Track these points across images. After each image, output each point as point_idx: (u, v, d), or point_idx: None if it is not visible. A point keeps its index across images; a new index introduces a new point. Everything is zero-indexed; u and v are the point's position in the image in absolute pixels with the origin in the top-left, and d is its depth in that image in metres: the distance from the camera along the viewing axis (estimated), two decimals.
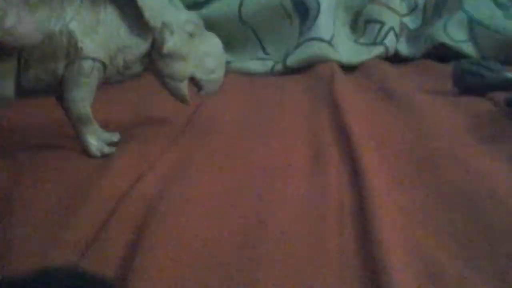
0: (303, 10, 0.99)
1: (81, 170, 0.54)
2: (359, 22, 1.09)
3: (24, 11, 0.52)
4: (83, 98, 0.56)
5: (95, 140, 0.57)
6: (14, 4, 0.52)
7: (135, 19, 0.58)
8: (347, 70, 0.95)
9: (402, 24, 1.08)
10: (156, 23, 0.58)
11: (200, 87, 0.62)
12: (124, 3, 0.58)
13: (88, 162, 0.56)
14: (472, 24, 1.01)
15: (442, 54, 1.00)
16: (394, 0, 1.09)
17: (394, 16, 1.06)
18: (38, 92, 0.57)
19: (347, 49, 1.01)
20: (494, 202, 0.46)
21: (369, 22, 1.07)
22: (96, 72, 0.56)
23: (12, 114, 0.66)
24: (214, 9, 1.05)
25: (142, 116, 0.68)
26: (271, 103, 0.76)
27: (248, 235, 0.42)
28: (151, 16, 0.58)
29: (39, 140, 0.61)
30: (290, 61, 0.96)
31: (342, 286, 0.36)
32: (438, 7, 1.08)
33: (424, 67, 0.97)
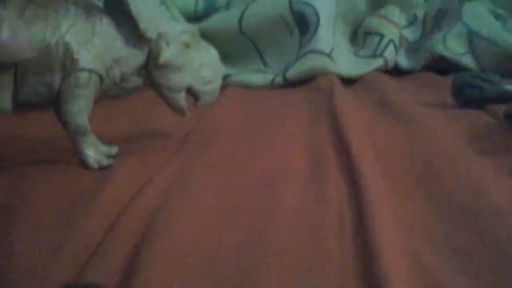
0: (303, 23, 1.00)
1: (81, 183, 0.54)
2: (359, 35, 1.10)
3: (19, 25, 0.52)
4: (80, 110, 0.56)
5: (93, 152, 0.57)
6: (8, 18, 0.52)
7: (131, 30, 0.58)
8: (347, 82, 0.95)
9: (402, 36, 1.08)
10: (151, 34, 0.58)
11: (197, 98, 0.62)
12: (120, 14, 0.58)
13: (88, 174, 0.56)
14: (471, 37, 1.01)
15: (441, 66, 1.00)
16: (394, 13, 1.09)
17: (394, 28, 1.07)
18: (36, 105, 0.57)
19: (346, 61, 1.01)
20: (494, 215, 0.46)
21: (368, 34, 1.07)
22: (92, 84, 0.56)
23: (12, 127, 0.67)
24: (214, 21, 1.06)
25: (141, 129, 0.69)
26: (271, 115, 0.76)
27: (248, 248, 0.42)
28: (147, 27, 0.58)
29: (38, 153, 0.61)
30: (290, 73, 0.97)
31: None
32: (438, 20, 1.09)
33: (423, 79, 0.97)
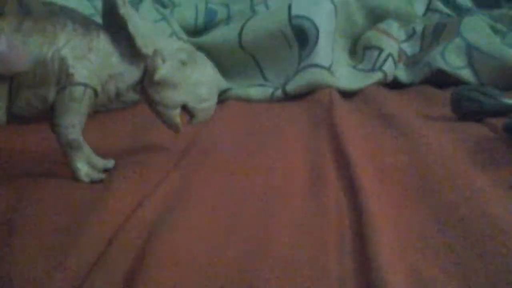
0: (302, 37, 1.00)
1: (80, 196, 0.54)
2: (358, 49, 1.10)
3: (15, 38, 0.53)
4: (73, 124, 0.56)
5: (84, 166, 0.57)
6: (5, 31, 0.52)
7: (128, 46, 0.58)
8: (346, 96, 0.96)
9: (401, 50, 1.09)
10: (148, 51, 0.59)
11: (192, 115, 0.62)
12: (117, 30, 0.58)
13: (87, 187, 0.56)
14: (470, 50, 1.02)
15: (440, 80, 1.01)
16: (392, 27, 1.10)
17: (393, 42, 1.07)
18: (30, 118, 0.57)
19: (346, 75, 1.02)
20: (493, 228, 0.46)
21: (367, 48, 1.07)
22: (87, 98, 0.56)
23: (10, 140, 0.67)
24: (214, 36, 1.06)
25: (141, 142, 0.69)
26: (270, 128, 0.76)
27: (248, 260, 0.42)
28: (143, 44, 0.58)
29: (38, 166, 0.61)
30: (290, 87, 0.97)
31: None
32: (436, 34, 1.09)
33: (422, 93, 0.97)
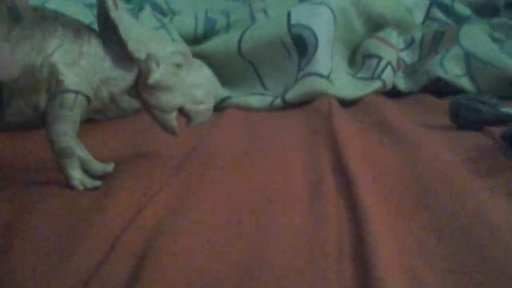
0: (302, 45, 1.00)
1: (80, 203, 0.54)
2: (357, 57, 1.10)
3: (2, 46, 0.52)
4: (65, 131, 0.55)
5: (78, 173, 0.57)
6: None
7: (120, 51, 0.58)
8: (345, 104, 0.96)
9: (399, 59, 1.09)
10: (140, 55, 0.58)
11: (189, 118, 0.62)
12: (110, 34, 0.58)
13: (87, 195, 0.56)
14: (469, 59, 1.02)
15: (439, 88, 1.01)
16: (391, 35, 1.10)
17: (392, 51, 1.07)
18: (22, 126, 0.57)
19: (345, 83, 1.02)
20: (492, 237, 0.46)
21: (366, 57, 1.08)
22: (78, 105, 0.55)
23: (9, 147, 0.67)
24: (214, 44, 1.06)
25: (141, 150, 0.69)
26: (270, 137, 0.76)
27: (247, 268, 0.42)
28: (135, 48, 0.58)
29: (37, 174, 0.61)
30: (289, 96, 0.97)
31: None
32: (435, 42, 1.09)
33: (421, 101, 0.97)
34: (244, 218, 0.50)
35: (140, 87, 0.60)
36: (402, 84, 1.06)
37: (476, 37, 1.05)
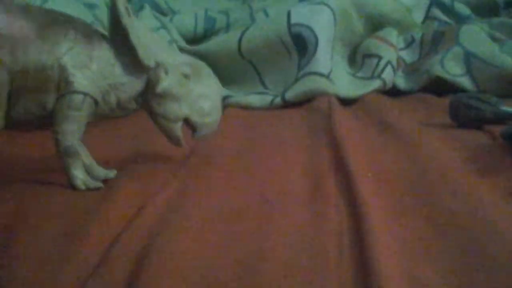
0: (301, 45, 1.00)
1: (80, 204, 0.54)
2: (357, 57, 1.10)
3: (17, 45, 0.53)
4: (72, 131, 0.56)
5: (80, 173, 0.57)
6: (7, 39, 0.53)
7: (130, 58, 0.58)
8: (345, 103, 0.96)
9: (399, 58, 1.09)
10: (149, 62, 0.59)
11: (194, 129, 0.62)
12: (121, 41, 0.58)
13: (87, 196, 0.56)
14: (468, 58, 1.02)
15: (439, 87, 1.01)
16: (391, 35, 1.10)
17: (392, 50, 1.07)
18: (30, 125, 0.57)
19: (345, 83, 1.02)
20: (492, 234, 0.46)
21: (366, 56, 1.08)
22: (86, 107, 0.56)
23: (10, 147, 0.67)
24: (214, 44, 1.06)
25: (141, 150, 0.69)
26: (269, 136, 0.76)
27: (247, 266, 0.42)
28: (145, 56, 0.58)
29: (38, 174, 0.61)
30: (289, 95, 0.97)
31: None
32: (435, 42, 1.09)
33: (421, 100, 0.97)
34: (244, 216, 0.50)
35: (148, 95, 0.60)
36: (402, 83, 1.06)
37: (476, 36, 1.05)
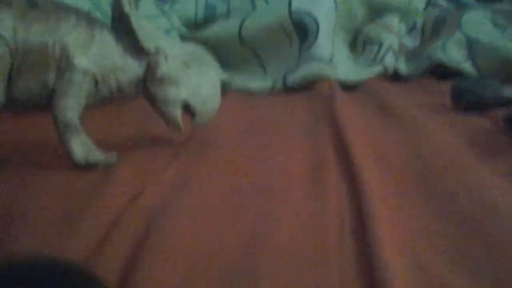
0: (302, 30, 1.00)
1: (81, 185, 0.54)
2: (358, 43, 1.10)
3: (19, 25, 0.54)
4: (71, 107, 0.56)
5: (80, 148, 0.57)
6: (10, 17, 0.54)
7: (131, 42, 0.59)
8: (347, 89, 0.95)
9: (401, 44, 1.09)
10: (150, 46, 0.60)
11: (193, 116, 0.62)
12: (121, 28, 0.59)
13: (88, 176, 0.56)
14: (470, 44, 1.02)
15: (441, 73, 1.01)
16: (393, 21, 1.10)
17: (393, 36, 1.07)
18: (30, 103, 0.57)
19: (346, 68, 1.02)
20: (494, 217, 0.46)
21: (368, 42, 1.07)
22: (86, 86, 0.57)
23: (11, 129, 0.67)
24: (215, 30, 1.06)
25: (141, 134, 0.69)
26: (270, 121, 0.76)
27: (247, 249, 0.42)
28: (146, 39, 0.59)
29: (38, 156, 0.61)
30: (290, 80, 0.97)
31: None
32: (437, 28, 1.09)
33: (423, 85, 0.97)
34: (246, 198, 0.51)
35: (148, 80, 0.60)
36: (403, 68, 1.06)
37: (478, 22, 1.05)
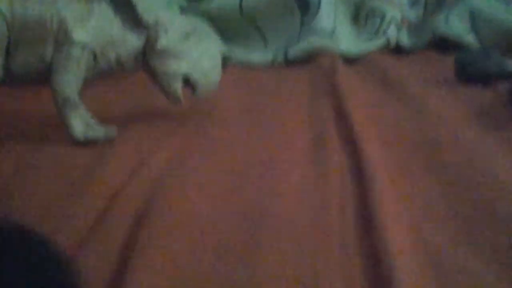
0: (304, 3, 0.99)
1: (81, 159, 0.54)
2: (360, 15, 1.09)
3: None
4: (69, 80, 0.56)
5: (79, 124, 0.57)
6: None
7: (130, 15, 0.59)
8: (349, 62, 0.95)
9: (404, 16, 1.08)
10: (148, 18, 0.59)
11: (194, 88, 0.62)
12: (120, 4, 0.59)
13: (88, 151, 0.55)
14: (473, 16, 1.01)
15: (444, 45, 1.00)
16: None
17: (395, 9, 1.06)
18: (29, 78, 0.57)
19: (348, 41, 1.01)
20: (497, 190, 0.46)
21: (370, 14, 1.06)
22: (85, 60, 0.56)
23: (10, 104, 0.67)
24: (215, 2, 1.05)
25: (142, 108, 0.68)
26: (272, 93, 0.75)
27: (248, 220, 0.42)
28: (145, 11, 0.59)
29: (37, 131, 0.60)
30: (291, 53, 0.96)
31: (344, 271, 0.36)
32: (440, 1, 1.08)
33: (426, 58, 0.96)
34: (247, 170, 0.50)
35: (148, 53, 0.60)
36: (406, 41, 1.05)
37: None
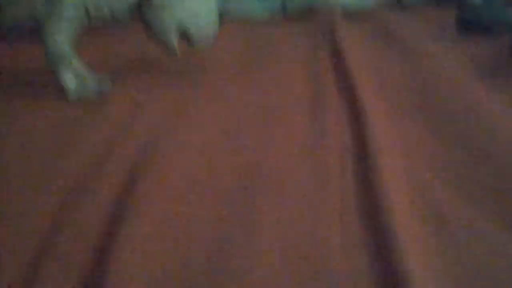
0: None
1: (72, 115, 0.53)
2: None
3: None
4: (60, 33, 0.55)
5: (72, 81, 0.56)
6: None
7: None
8: (348, 18, 0.93)
9: None
10: None
11: (191, 41, 0.61)
12: None
13: (81, 105, 0.55)
14: None
15: (445, 1, 0.99)
16: None
17: None
18: (21, 33, 0.57)
19: None
20: (494, 139, 0.46)
21: None
22: (76, 13, 0.56)
23: (6, 59, 0.66)
24: None
25: (138, 62, 0.68)
26: (270, 49, 0.74)
27: (244, 177, 0.41)
28: None
29: (32, 85, 0.60)
30: (291, 7, 0.95)
31: (343, 228, 0.36)
32: None
33: (426, 13, 0.95)
34: (243, 129, 0.50)
35: (143, 7, 0.59)
36: None
37: None
